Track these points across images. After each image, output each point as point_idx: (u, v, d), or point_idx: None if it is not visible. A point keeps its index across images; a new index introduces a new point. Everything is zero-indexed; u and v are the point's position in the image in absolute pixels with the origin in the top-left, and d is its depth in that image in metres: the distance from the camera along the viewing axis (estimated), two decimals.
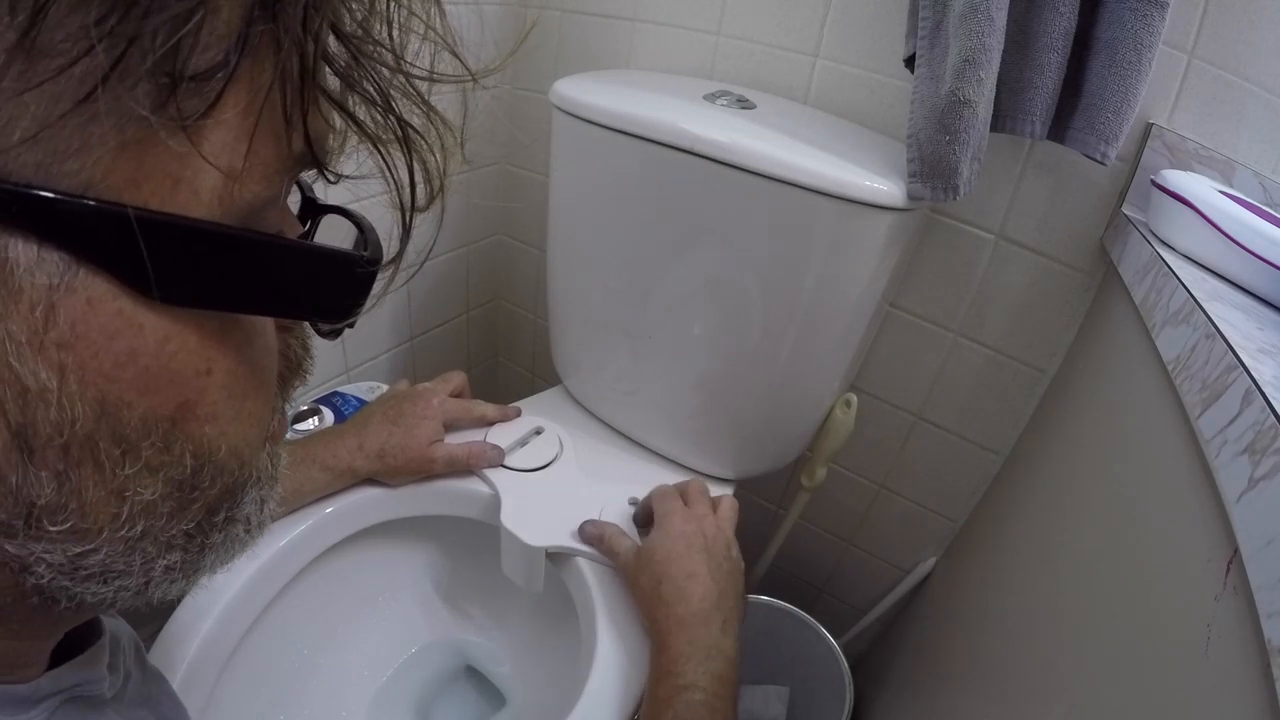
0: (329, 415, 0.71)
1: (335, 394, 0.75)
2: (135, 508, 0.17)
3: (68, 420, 0.15)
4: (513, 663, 0.72)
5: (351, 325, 0.20)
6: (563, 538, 0.61)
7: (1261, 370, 0.28)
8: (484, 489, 0.65)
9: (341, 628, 0.67)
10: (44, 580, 0.17)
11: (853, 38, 0.66)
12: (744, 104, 0.63)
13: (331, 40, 0.16)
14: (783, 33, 0.69)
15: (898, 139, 0.60)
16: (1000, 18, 0.47)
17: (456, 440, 0.65)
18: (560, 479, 0.68)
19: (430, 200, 0.19)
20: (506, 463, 0.67)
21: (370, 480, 0.62)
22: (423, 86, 0.18)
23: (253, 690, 0.58)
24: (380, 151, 0.18)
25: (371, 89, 0.17)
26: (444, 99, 0.18)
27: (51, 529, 0.16)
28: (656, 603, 0.53)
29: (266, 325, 0.19)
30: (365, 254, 0.19)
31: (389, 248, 0.20)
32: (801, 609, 0.80)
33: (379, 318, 0.86)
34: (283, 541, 0.57)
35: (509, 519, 0.62)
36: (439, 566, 0.74)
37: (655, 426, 0.74)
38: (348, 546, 0.63)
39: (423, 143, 0.18)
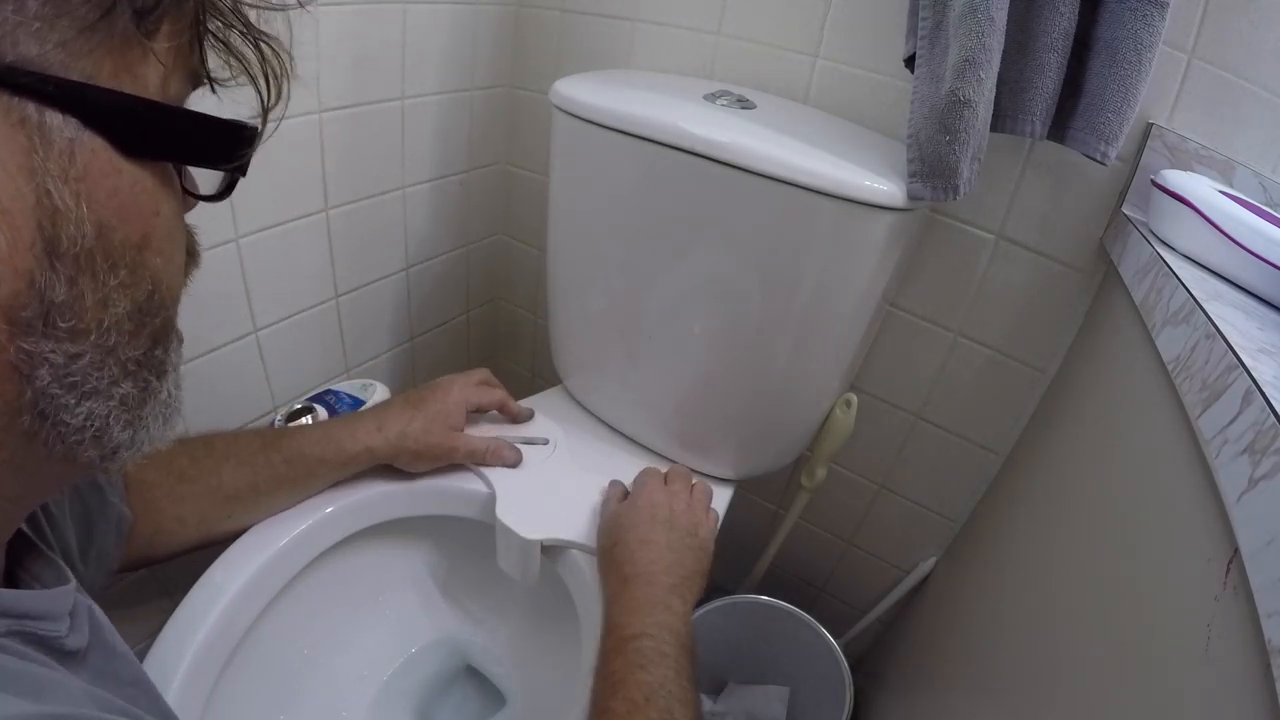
0: (322, 412, 0.71)
1: (328, 391, 0.75)
2: (112, 318, 0.24)
3: (80, 235, 0.22)
4: (513, 662, 0.72)
5: (243, 174, 0.28)
6: (557, 531, 0.62)
7: (1261, 370, 0.28)
8: (481, 488, 0.65)
9: (341, 628, 0.67)
10: (43, 384, 0.22)
11: (853, 38, 0.66)
12: (744, 104, 0.63)
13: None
14: (783, 33, 0.69)
15: (898, 139, 0.60)
16: (1000, 18, 0.47)
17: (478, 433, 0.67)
18: (556, 475, 0.69)
19: (279, 98, 0.28)
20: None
21: (373, 476, 0.63)
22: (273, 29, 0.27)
23: (253, 690, 0.57)
24: (245, 67, 0.27)
25: (239, 26, 0.26)
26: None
27: (61, 325, 0.22)
28: (609, 564, 0.56)
29: (177, 195, 0.27)
30: (245, 121, 0.27)
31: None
32: (801, 609, 0.80)
33: (379, 318, 0.86)
34: (283, 541, 0.57)
35: (504, 513, 0.62)
36: (438, 566, 0.74)
37: (655, 426, 0.74)
38: (347, 546, 0.63)
39: (274, 59, 0.27)
